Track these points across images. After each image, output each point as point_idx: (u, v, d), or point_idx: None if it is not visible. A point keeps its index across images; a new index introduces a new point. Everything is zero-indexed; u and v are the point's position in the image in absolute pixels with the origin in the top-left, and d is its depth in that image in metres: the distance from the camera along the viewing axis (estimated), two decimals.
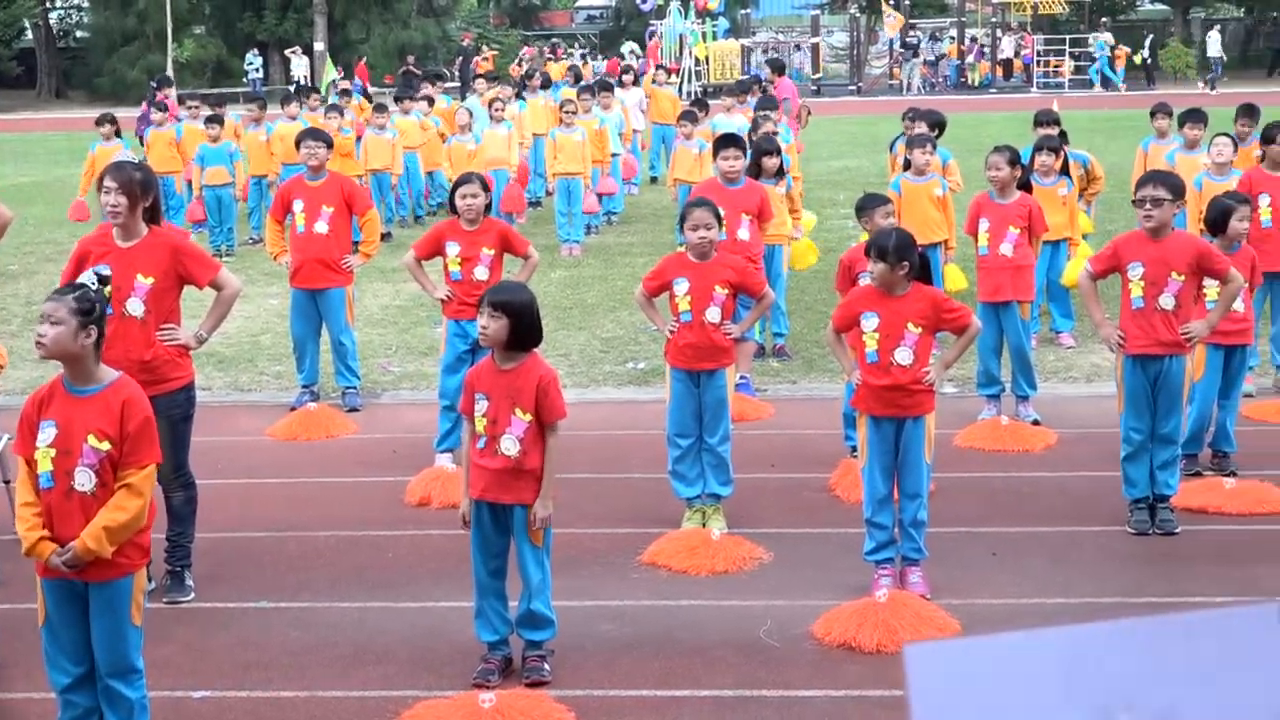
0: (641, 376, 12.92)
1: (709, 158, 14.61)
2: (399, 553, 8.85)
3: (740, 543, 8.58)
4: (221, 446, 11.01)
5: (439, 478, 9.82)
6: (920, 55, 56.32)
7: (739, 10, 61.84)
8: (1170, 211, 8.71)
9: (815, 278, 16.14)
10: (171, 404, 7.94)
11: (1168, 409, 8.80)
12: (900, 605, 7.40)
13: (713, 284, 8.84)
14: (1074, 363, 13.09)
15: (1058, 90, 51.37)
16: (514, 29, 72.66)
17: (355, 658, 7.35)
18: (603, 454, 10.68)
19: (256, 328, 15.33)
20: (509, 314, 6.85)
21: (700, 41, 50.59)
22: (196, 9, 63.94)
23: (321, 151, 12.11)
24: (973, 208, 11.37)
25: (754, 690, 6.89)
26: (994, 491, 9.77)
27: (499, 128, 20.50)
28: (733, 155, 11.56)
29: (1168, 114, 15.93)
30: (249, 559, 8.81)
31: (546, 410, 6.88)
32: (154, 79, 34.85)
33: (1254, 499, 9.24)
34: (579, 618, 7.62)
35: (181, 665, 7.31)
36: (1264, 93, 46.77)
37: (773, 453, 10.65)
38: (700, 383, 8.95)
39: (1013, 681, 1.98)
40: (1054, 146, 12.95)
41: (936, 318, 7.82)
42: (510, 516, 6.97)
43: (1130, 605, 7.77)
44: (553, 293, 16.46)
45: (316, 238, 11.87)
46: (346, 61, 56.82)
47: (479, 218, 10.10)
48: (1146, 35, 57.50)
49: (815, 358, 13.41)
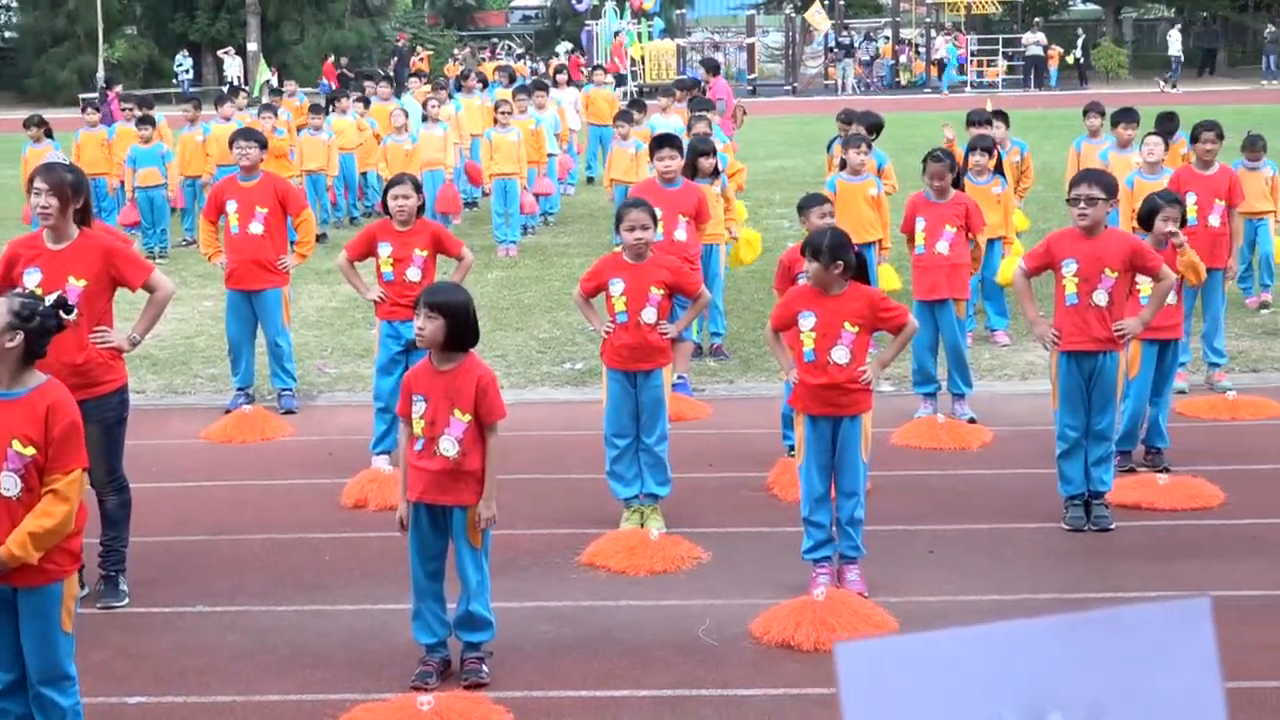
0: (579, 377, 12.91)
1: (645, 158, 14.61)
2: (336, 555, 8.81)
3: (678, 542, 8.59)
4: (156, 450, 10.92)
5: (375, 480, 9.78)
6: (855, 55, 56.53)
7: (674, 10, 61.92)
8: (1104, 210, 8.79)
9: (752, 278, 16.18)
10: (105, 407, 7.87)
11: (1102, 405, 8.87)
12: (838, 603, 7.42)
13: (648, 284, 8.85)
14: (1009, 361, 13.17)
15: (991, 90, 51.68)
16: (449, 29, 72.45)
17: (292, 661, 7.30)
18: (540, 455, 10.66)
19: (191, 330, 15.22)
20: (445, 314, 6.83)
21: (636, 42, 50.63)
22: (128, 9, 63.35)
23: (254, 152, 12.03)
24: (909, 207, 11.42)
25: (693, 689, 6.89)
26: (930, 489, 9.82)
27: (434, 128, 20.44)
28: (669, 156, 11.57)
29: (1100, 113, 16.08)
30: (184, 563, 8.75)
31: (486, 410, 6.86)
32: (105, 79, 34.56)
33: (1186, 495, 9.33)
34: (517, 619, 7.61)
35: (116, 671, 7.24)
36: (1216, 91, 47.33)
37: (710, 452, 10.66)
38: (637, 383, 8.95)
39: (943, 679, 1.99)
40: (987, 146, 13.04)
41: (873, 317, 7.84)
42: (449, 518, 6.95)
43: (1066, 601, 7.83)
44: (490, 293, 16.42)
45: (251, 239, 11.80)
46: (281, 62, 56.59)
47: (411, 219, 10.07)
48: (1079, 35, 57.93)
49: (752, 357, 13.44)
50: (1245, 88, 51.09)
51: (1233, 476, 9.74)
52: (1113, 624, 2.04)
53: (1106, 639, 2.03)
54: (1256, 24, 61.60)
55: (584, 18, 55.69)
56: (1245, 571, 8.19)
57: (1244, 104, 40.30)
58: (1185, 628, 2.03)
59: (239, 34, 60.20)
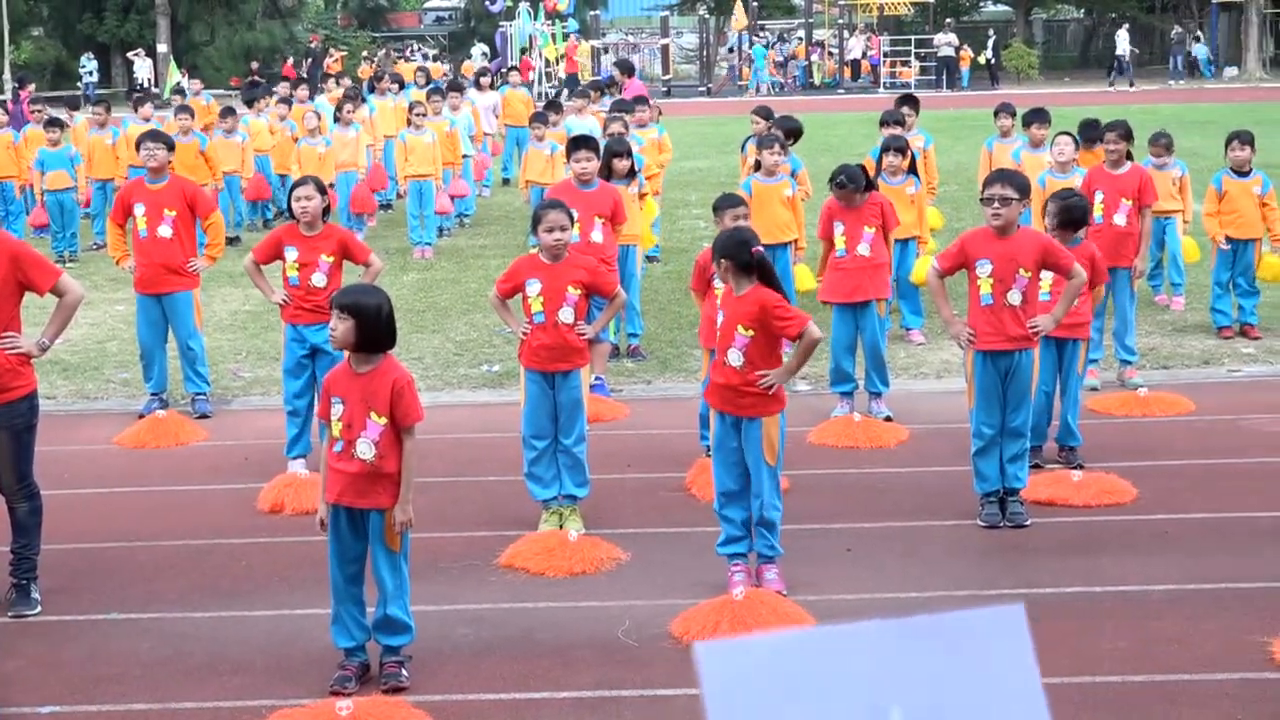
0: (496, 379, 12.88)
1: (561, 159, 14.60)
2: (252, 560, 8.74)
3: (598, 543, 8.59)
4: (68, 456, 10.79)
5: (291, 484, 9.71)
6: (769, 56, 56.77)
7: (588, 11, 61.92)
8: (1017, 210, 8.87)
9: (668, 278, 16.21)
10: (14, 413, 7.79)
11: (1017, 403, 8.96)
12: (757, 603, 7.44)
13: (565, 284, 8.85)
14: (924, 359, 13.27)
15: (903, 90, 52.05)
16: (362, 30, 72.09)
17: (210, 668, 7.24)
18: (458, 457, 10.63)
19: (102, 334, 15.06)
20: (355, 315, 6.80)
21: (550, 43, 50.59)
22: (34, 10, 62.59)
23: (161, 154, 11.88)
24: (825, 212, 11.38)
25: (614, 690, 6.89)
26: (847, 487, 9.87)
27: (347, 130, 20.34)
28: (585, 157, 11.57)
29: (1011, 114, 16.23)
30: (98, 570, 8.64)
31: (402, 413, 6.83)
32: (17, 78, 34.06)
33: (1099, 491, 9.43)
34: (437, 622, 7.58)
35: (29, 680, 7.14)
36: (1124, 91, 47.91)
37: (629, 453, 10.67)
38: (555, 384, 8.94)
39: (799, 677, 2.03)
40: (900, 147, 13.11)
41: (764, 322, 7.74)
42: (366, 521, 6.91)
43: (983, 598, 7.89)
44: (406, 295, 16.35)
45: (160, 242, 11.68)
46: (192, 63, 56.06)
47: (316, 221, 10.03)
48: (990, 36, 58.48)
49: (670, 358, 13.46)
50: (1153, 88, 51.78)
51: (1144, 472, 9.86)
52: (936, 629, 2.10)
53: (934, 644, 2.09)
54: (1163, 25, 62.45)
55: (498, 19, 55.55)
56: (1157, 566, 8.29)
57: (1151, 104, 40.85)
58: (1003, 634, 2.09)
59: (149, 35, 59.62)
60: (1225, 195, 13.85)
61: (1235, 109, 37.53)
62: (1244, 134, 14.02)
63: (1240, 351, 13.38)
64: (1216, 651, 7.13)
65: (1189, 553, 8.55)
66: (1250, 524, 9.02)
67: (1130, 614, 7.65)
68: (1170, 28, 59.18)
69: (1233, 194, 13.82)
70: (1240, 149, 13.82)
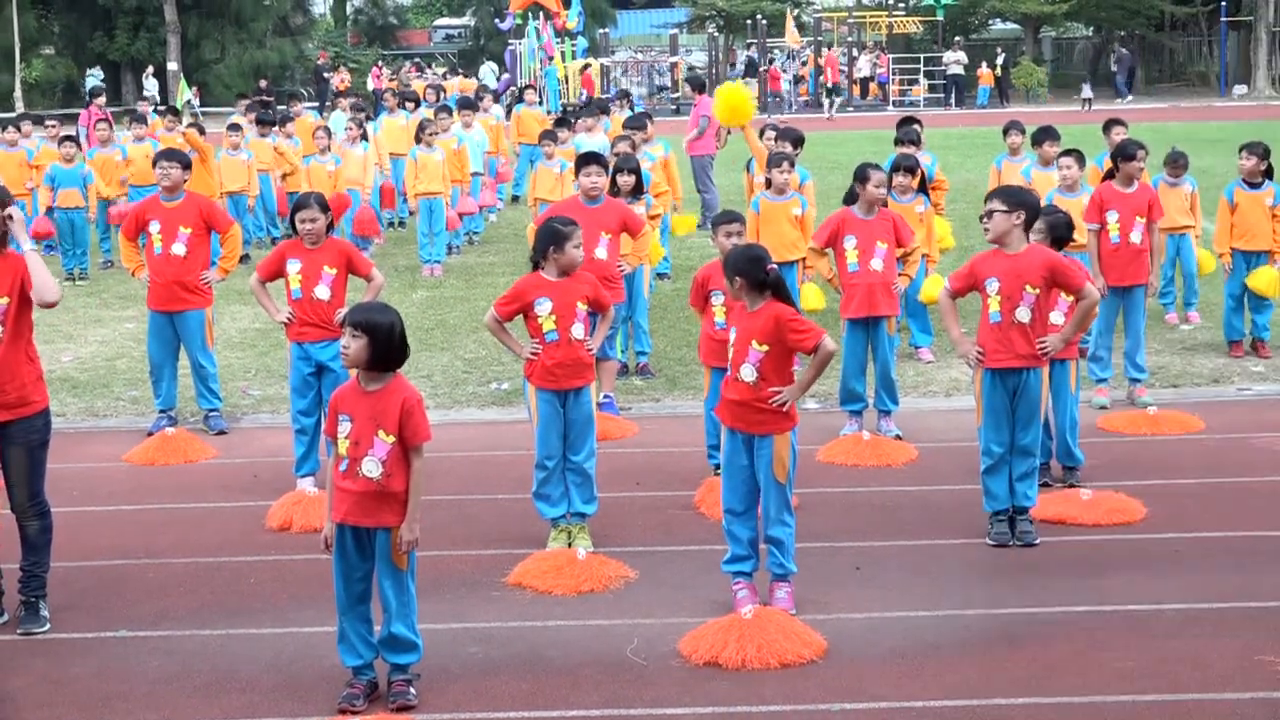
0: (505, 397, 12.89)
1: (571, 177, 14.60)
2: (261, 578, 8.74)
3: (606, 562, 8.58)
4: (77, 473, 10.81)
5: (300, 502, 9.71)
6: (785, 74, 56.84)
7: (598, 30, 62.00)
8: (1007, 222, 8.82)
9: (677, 295, 16.21)
10: (30, 429, 7.83)
11: (1026, 421, 8.94)
12: (766, 621, 7.43)
13: (575, 300, 8.87)
14: (933, 377, 13.26)
15: (913, 108, 52.06)
16: (371, 48, 72.21)
17: (218, 685, 7.23)
18: (467, 475, 10.63)
19: (112, 352, 15.08)
20: (368, 333, 6.79)
21: (560, 61, 50.62)
22: (45, 28, 62.75)
23: (175, 172, 11.90)
24: (834, 224, 11.25)
25: (621, 709, 6.88)
26: (856, 506, 9.86)
27: (355, 148, 20.37)
28: (594, 173, 11.58)
29: (1020, 131, 16.23)
30: (107, 587, 8.65)
31: (411, 432, 6.83)
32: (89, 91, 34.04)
33: (1108, 510, 9.41)
34: (445, 640, 7.57)
35: (38, 698, 7.14)
36: (1133, 109, 47.91)
37: (637, 471, 10.66)
38: (567, 402, 8.94)
39: None
40: (911, 166, 13.07)
41: (780, 336, 7.76)
42: (373, 540, 6.91)
43: (992, 616, 7.88)
44: (415, 313, 16.36)
45: (174, 259, 11.70)
46: (202, 81, 56.19)
47: (320, 239, 10.13)
48: (999, 54, 58.50)
49: (678, 375, 13.46)
50: (1163, 105, 51.78)
51: (1154, 491, 9.84)
52: None
53: None
54: (1174, 43, 62.47)
55: (507, 37, 55.61)
56: (1168, 585, 8.27)
57: (1160, 121, 40.82)
58: None
59: (159, 53, 59.72)
60: (1237, 208, 13.81)
61: (1245, 127, 37.51)
62: (1255, 145, 13.95)
63: (1250, 370, 13.36)
64: (1227, 671, 7.11)
65: (1199, 572, 8.52)
66: (1261, 543, 9.00)
67: (1140, 633, 7.62)
68: (1181, 45, 59.20)
69: (1244, 206, 13.77)
70: (1248, 159, 13.77)
